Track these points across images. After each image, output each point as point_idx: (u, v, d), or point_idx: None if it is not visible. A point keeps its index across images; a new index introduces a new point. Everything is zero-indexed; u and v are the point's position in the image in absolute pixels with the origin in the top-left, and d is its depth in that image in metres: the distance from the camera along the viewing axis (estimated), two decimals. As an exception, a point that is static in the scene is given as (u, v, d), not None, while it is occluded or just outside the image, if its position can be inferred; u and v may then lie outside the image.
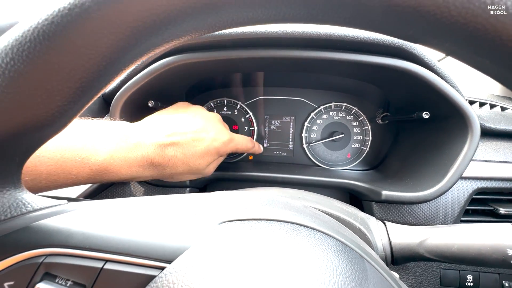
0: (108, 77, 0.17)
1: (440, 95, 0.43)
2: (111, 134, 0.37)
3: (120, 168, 0.37)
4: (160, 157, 0.40)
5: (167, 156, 0.40)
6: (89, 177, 0.35)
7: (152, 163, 0.40)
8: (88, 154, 0.34)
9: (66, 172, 0.33)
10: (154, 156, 0.39)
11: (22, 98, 0.15)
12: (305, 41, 0.44)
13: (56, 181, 0.33)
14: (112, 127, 0.38)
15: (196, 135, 0.42)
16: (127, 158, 0.37)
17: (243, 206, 0.24)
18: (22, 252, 0.17)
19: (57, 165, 0.32)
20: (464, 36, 0.14)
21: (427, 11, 0.13)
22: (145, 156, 0.39)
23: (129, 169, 0.38)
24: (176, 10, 0.15)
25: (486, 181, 0.50)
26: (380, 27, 0.16)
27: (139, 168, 0.39)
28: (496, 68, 0.15)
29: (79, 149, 0.33)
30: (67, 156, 0.32)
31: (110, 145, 0.36)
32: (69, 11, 0.14)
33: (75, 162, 0.33)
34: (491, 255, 0.29)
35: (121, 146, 0.37)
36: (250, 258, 0.17)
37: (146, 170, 0.40)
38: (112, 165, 0.36)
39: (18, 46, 0.14)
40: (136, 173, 0.39)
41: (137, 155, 0.38)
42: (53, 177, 0.32)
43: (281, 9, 0.15)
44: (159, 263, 0.17)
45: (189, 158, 0.42)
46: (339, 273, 0.17)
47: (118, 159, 0.36)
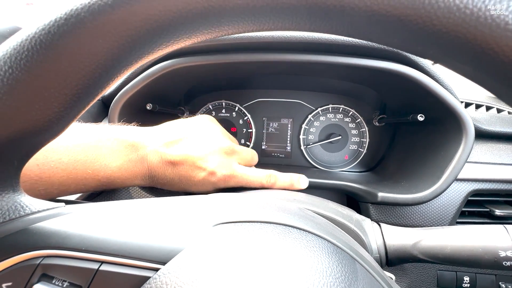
0: (103, 83, 0.17)
1: (434, 98, 0.43)
2: (123, 143, 0.38)
3: (125, 180, 0.39)
4: (160, 175, 0.40)
5: (166, 176, 0.40)
6: (96, 187, 0.37)
7: (153, 178, 0.41)
8: (98, 167, 0.35)
9: (77, 183, 0.34)
10: (155, 172, 0.40)
11: (20, 105, 0.16)
12: (301, 45, 0.44)
13: (67, 190, 0.34)
14: (125, 135, 0.39)
15: (196, 163, 0.40)
16: (133, 171, 0.39)
17: (237, 208, 0.24)
18: (20, 254, 0.17)
19: (69, 177, 0.33)
20: (446, 45, 0.14)
21: (410, 21, 0.14)
22: (149, 170, 0.40)
23: (133, 181, 0.40)
24: (169, 20, 0.15)
25: (482, 183, 0.50)
26: (367, 36, 0.16)
27: (141, 181, 0.40)
28: (480, 75, 0.16)
29: (91, 162, 0.34)
30: (79, 168, 0.33)
31: (120, 158, 0.37)
32: (65, 21, 0.14)
33: (86, 174, 0.34)
34: (483, 257, 0.30)
35: (130, 159, 0.38)
36: (242, 260, 0.17)
37: (146, 182, 0.41)
38: (119, 177, 0.38)
39: (16, 55, 0.15)
40: (138, 184, 0.41)
41: (142, 168, 0.39)
42: (64, 187, 0.33)
43: (269, 18, 0.15)
44: (154, 265, 0.17)
45: (184, 184, 0.42)
46: (329, 274, 0.18)
47: (125, 172, 0.38)
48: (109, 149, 0.36)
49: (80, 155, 0.34)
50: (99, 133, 0.37)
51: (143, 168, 0.39)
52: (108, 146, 0.36)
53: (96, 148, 0.35)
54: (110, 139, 0.37)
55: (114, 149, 0.37)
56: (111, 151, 0.37)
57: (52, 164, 0.31)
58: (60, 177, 0.32)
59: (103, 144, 0.36)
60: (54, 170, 0.31)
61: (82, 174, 0.34)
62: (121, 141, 0.38)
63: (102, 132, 0.37)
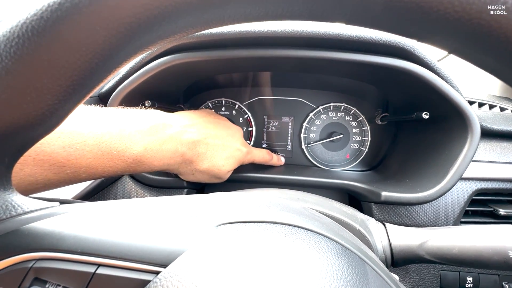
0: (100, 75, 0.16)
1: (440, 95, 0.42)
2: (147, 124, 0.38)
3: (153, 160, 0.38)
4: (191, 152, 0.42)
5: (198, 152, 0.43)
6: (123, 169, 0.36)
7: (182, 157, 0.42)
8: (124, 147, 0.35)
9: (104, 165, 0.34)
10: (186, 150, 0.42)
11: (10, 97, 0.14)
12: (304, 40, 0.43)
13: (95, 174, 0.34)
14: (148, 117, 0.39)
15: (225, 141, 0.47)
16: (161, 150, 0.39)
17: (241, 208, 0.23)
18: (11, 257, 0.16)
19: (95, 158, 0.33)
20: (468, 33, 0.13)
21: (430, 7, 0.13)
22: (178, 150, 0.41)
23: (161, 161, 0.39)
24: (171, 6, 0.14)
25: (486, 182, 0.49)
26: (382, 25, 0.15)
27: (170, 160, 0.41)
28: (500, 67, 0.15)
29: (116, 143, 0.34)
30: (104, 149, 0.33)
31: (146, 136, 0.37)
32: (59, 5, 0.13)
33: (111, 156, 0.34)
34: (493, 257, 0.29)
35: (157, 138, 0.38)
36: (247, 262, 0.16)
37: (175, 163, 0.42)
38: (146, 157, 0.37)
39: (6, 42, 0.14)
40: (167, 166, 0.41)
41: (171, 147, 0.40)
42: (92, 169, 0.33)
43: (280, 5, 0.14)
44: (154, 267, 0.16)
45: (215, 158, 0.45)
46: (340, 277, 0.17)
47: (152, 151, 0.38)
48: (134, 129, 0.36)
49: (105, 137, 0.34)
50: (122, 115, 0.37)
51: (173, 147, 0.40)
52: (132, 126, 0.36)
53: (120, 129, 0.35)
54: (134, 119, 0.37)
55: (139, 129, 0.37)
56: (136, 131, 0.37)
57: (78, 146, 0.31)
58: (87, 159, 0.32)
59: (127, 125, 0.36)
60: (80, 152, 0.32)
61: (108, 155, 0.34)
62: (146, 121, 0.38)
63: (125, 114, 0.37)
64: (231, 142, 0.48)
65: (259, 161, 0.57)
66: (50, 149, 0.30)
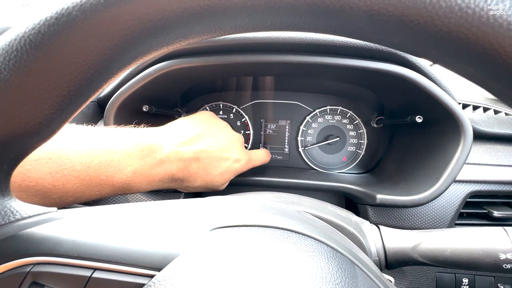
0: (96, 85, 0.17)
1: (432, 99, 0.43)
2: (137, 147, 0.37)
3: (141, 184, 0.37)
4: (182, 172, 0.40)
5: (189, 172, 0.41)
6: (111, 193, 0.36)
7: (173, 178, 0.40)
8: (112, 172, 0.34)
9: (91, 189, 0.33)
10: (177, 171, 0.40)
11: (9, 107, 0.15)
12: (299, 46, 0.44)
13: (81, 198, 0.33)
14: (138, 138, 0.38)
15: (221, 153, 0.44)
16: (150, 174, 0.37)
17: (235, 212, 0.24)
18: (9, 261, 0.17)
19: (83, 184, 0.32)
20: (448, 45, 0.14)
21: (411, 21, 0.14)
22: (168, 172, 0.39)
23: (150, 184, 0.38)
24: (164, 19, 0.15)
25: (480, 184, 0.50)
26: (367, 36, 0.16)
27: (159, 183, 0.39)
28: (481, 76, 0.16)
29: (105, 168, 0.34)
30: (93, 174, 0.33)
31: (135, 162, 0.36)
32: (56, 20, 0.14)
33: (99, 180, 0.33)
34: (484, 259, 0.29)
35: (146, 163, 0.37)
36: (240, 266, 0.17)
37: (165, 184, 0.41)
38: (134, 181, 0.36)
39: (4, 55, 0.14)
40: (156, 187, 0.40)
41: (160, 171, 0.38)
42: (79, 194, 0.33)
43: (268, 18, 0.15)
44: (148, 271, 0.17)
45: (209, 175, 0.43)
46: (329, 280, 0.17)
47: (141, 176, 0.37)
48: (123, 153, 0.35)
49: (94, 161, 0.33)
50: (112, 137, 0.36)
51: (162, 171, 0.38)
52: (122, 150, 0.35)
53: (110, 152, 0.34)
54: (124, 142, 0.36)
55: (129, 153, 0.36)
56: (125, 155, 0.36)
57: (65, 172, 0.31)
58: (74, 184, 0.32)
59: (116, 148, 0.35)
60: (67, 178, 0.31)
61: (96, 180, 0.33)
62: (135, 144, 0.37)
63: (115, 136, 0.36)
64: (228, 153, 0.46)
65: (260, 164, 0.56)
66: (36, 175, 0.29)
